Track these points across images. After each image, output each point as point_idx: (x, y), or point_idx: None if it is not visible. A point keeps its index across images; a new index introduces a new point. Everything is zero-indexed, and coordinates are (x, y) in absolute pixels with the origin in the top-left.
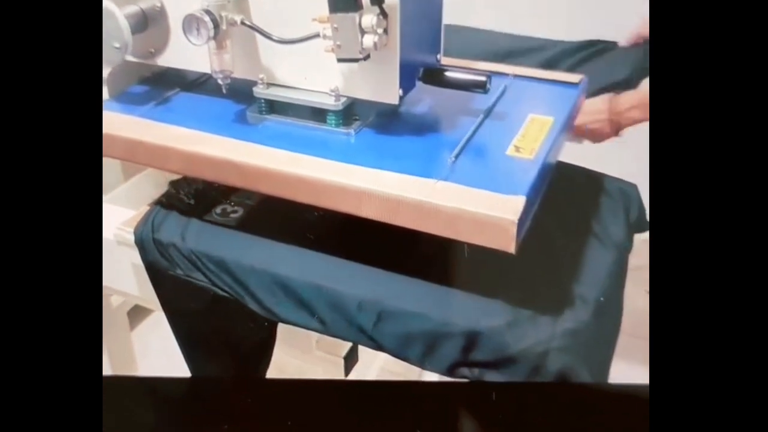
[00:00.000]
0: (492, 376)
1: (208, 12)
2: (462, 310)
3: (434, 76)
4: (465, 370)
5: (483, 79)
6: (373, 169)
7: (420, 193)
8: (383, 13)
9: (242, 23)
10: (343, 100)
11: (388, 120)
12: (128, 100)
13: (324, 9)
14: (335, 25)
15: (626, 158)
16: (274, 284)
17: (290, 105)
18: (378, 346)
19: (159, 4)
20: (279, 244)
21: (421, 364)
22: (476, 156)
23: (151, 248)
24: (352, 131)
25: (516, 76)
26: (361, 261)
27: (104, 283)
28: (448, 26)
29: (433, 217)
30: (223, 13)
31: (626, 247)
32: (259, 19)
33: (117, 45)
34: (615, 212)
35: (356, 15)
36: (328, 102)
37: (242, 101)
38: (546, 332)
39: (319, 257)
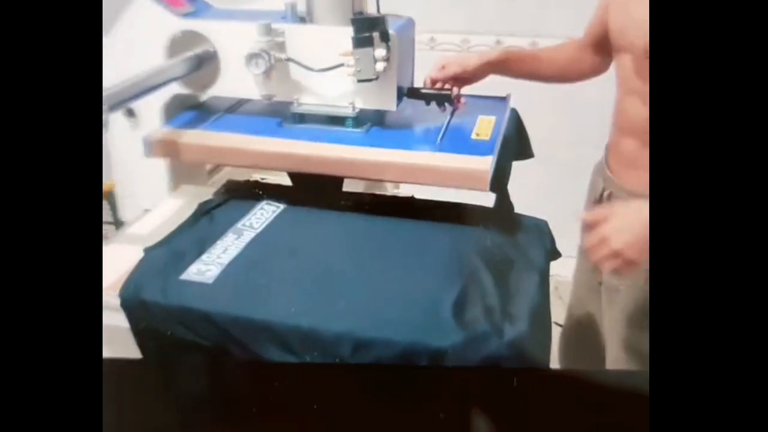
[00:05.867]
0: None
1: (264, 51)
2: (430, 332)
3: (415, 92)
4: None
5: (449, 93)
6: (386, 149)
7: (425, 159)
8: (388, 48)
9: (287, 59)
10: (356, 109)
11: (387, 122)
12: (186, 121)
13: (345, 47)
14: (357, 57)
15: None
16: (257, 330)
17: (318, 115)
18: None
19: (212, 49)
20: (256, 294)
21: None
22: (453, 139)
23: (136, 309)
24: (364, 130)
25: (463, 95)
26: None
27: None
28: None
29: (435, 174)
30: (272, 52)
31: (546, 270)
32: (293, 56)
33: None
34: (534, 244)
35: (372, 49)
36: (347, 111)
37: (273, 116)
38: (495, 344)
39: (295, 298)
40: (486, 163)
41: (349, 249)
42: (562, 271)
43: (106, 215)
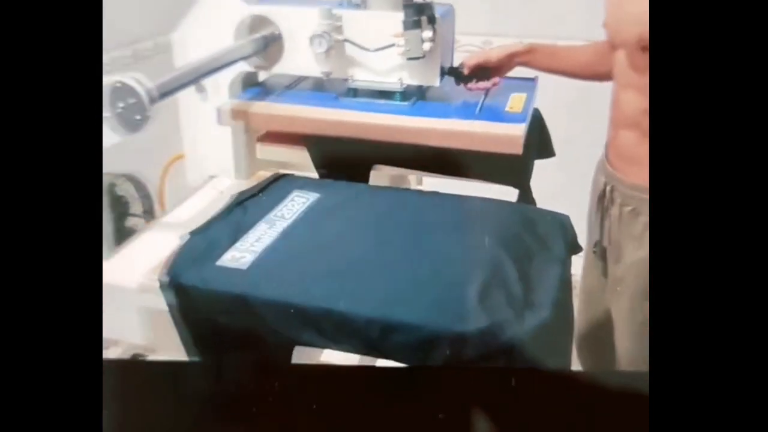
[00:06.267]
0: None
1: (325, 32)
2: (455, 318)
3: (455, 71)
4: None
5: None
6: (431, 117)
7: (466, 127)
8: (434, 30)
9: (344, 40)
10: (404, 85)
11: (430, 97)
12: (251, 96)
13: (396, 30)
14: (407, 38)
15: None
16: (290, 313)
17: (370, 91)
18: (382, 355)
19: (277, 32)
20: (289, 279)
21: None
22: (490, 110)
23: (176, 292)
24: (410, 102)
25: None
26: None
27: (107, 334)
28: None
29: (474, 138)
30: (332, 33)
31: (568, 262)
32: (349, 37)
33: (138, 117)
34: (555, 237)
35: (420, 31)
36: (395, 86)
37: (328, 92)
38: (518, 330)
39: (327, 283)
40: (520, 130)
41: (377, 237)
42: (581, 271)
43: (137, 208)
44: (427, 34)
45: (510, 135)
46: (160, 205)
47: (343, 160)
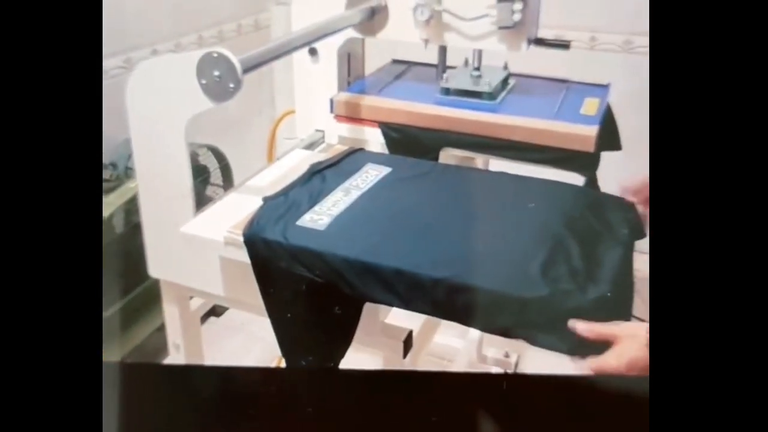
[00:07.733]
0: (539, 338)
1: (427, 2)
2: (518, 284)
3: (540, 41)
4: (518, 332)
5: (568, 43)
6: (515, 116)
7: (546, 125)
8: (524, 2)
9: (443, 10)
10: (492, 86)
11: (515, 93)
12: (359, 89)
13: (490, 1)
14: (499, 9)
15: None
16: (364, 271)
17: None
18: (448, 317)
19: (384, 3)
20: (364, 240)
21: (484, 329)
22: (566, 112)
23: (259, 246)
24: (497, 101)
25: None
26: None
27: (190, 284)
28: None
29: (552, 135)
30: (433, 4)
31: (630, 245)
32: (447, 8)
33: (231, 85)
34: (620, 221)
35: (511, 3)
36: (485, 88)
37: (427, 84)
38: (577, 301)
39: (399, 246)
40: (593, 131)
41: (446, 208)
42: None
43: (216, 178)
44: (518, 6)
45: (584, 135)
46: (268, 156)
47: (416, 141)
